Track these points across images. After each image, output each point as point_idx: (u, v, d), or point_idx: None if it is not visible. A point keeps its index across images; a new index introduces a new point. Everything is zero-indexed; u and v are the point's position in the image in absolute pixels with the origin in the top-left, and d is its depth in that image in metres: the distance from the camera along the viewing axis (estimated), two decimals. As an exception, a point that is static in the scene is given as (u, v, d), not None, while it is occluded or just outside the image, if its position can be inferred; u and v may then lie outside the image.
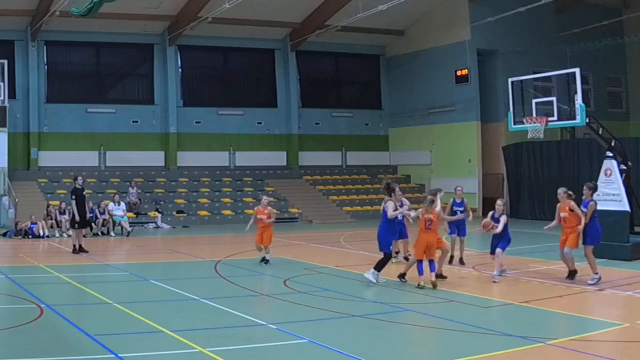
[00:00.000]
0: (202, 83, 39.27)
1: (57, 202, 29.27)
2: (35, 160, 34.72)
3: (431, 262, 14.95)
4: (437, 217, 15.48)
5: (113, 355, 9.45)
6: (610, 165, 19.68)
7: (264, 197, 20.15)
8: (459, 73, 37.41)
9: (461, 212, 18.59)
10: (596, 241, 15.79)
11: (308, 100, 40.93)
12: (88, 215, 24.29)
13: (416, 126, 40.32)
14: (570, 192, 16.07)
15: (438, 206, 15.52)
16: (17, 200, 29.98)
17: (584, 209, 15.67)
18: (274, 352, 10.04)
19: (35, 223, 26.88)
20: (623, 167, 19.88)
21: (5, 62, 32.91)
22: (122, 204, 29.53)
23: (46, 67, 35.80)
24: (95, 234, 27.87)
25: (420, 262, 14.94)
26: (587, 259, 15.62)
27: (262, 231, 18.79)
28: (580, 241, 15.75)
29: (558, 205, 15.90)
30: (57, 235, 27.22)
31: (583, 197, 16.13)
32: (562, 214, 15.84)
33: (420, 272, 14.85)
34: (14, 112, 33.87)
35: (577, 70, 19.81)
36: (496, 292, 14.55)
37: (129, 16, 34.07)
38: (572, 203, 15.80)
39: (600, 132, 20.66)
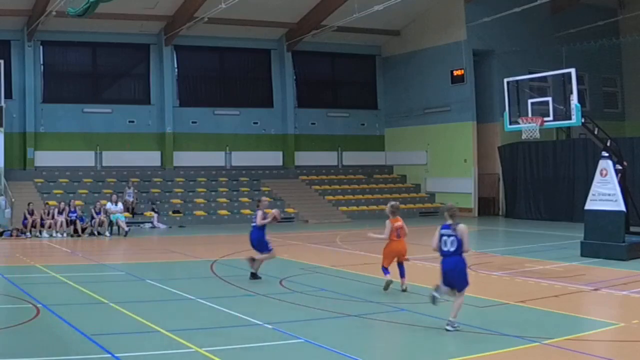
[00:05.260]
0: (198, 83, 39.28)
1: (55, 202, 29.33)
2: (31, 160, 34.68)
3: None
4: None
5: (109, 355, 9.46)
6: (606, 165, 19.71)
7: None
8: (454, 73, 37.45)
9: None
10: None
11: (304, 100, 40.95)
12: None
13: (412, 126, 40.35)
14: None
15: None
16: (13, 200, 29.96)
17: None
18: (270, 352, 10.05)
19: (26, 219, 27.14)
20: (618, 167, 19.91)
21: (2, 62, 32.92)
22: (120, 204, 29.54)
23: (42, 67, 35.77)
24: (92, 234, 27.89)
25: None
26: None
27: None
28: None
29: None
30: (53, 235, 27.25)
31: None
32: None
33: None
34: (10, 112, 33.85)
35: (572, 71, 19.82)
36: (492, 292, 14.57)
37: (125, 16, 34.07)
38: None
39: (595, 132, 20.70)
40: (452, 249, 11.24)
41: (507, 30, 36.07)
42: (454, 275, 11.39)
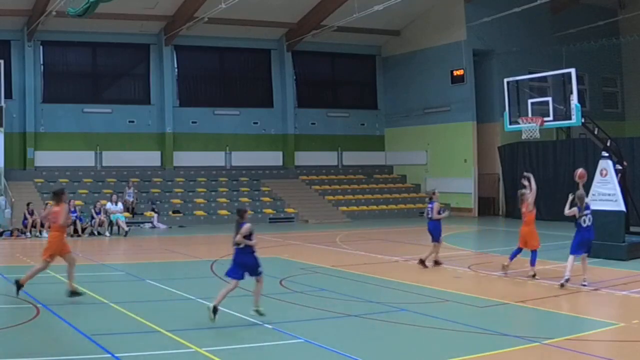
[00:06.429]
0: (198, 83, 39.27)
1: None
2: (31, 160, 34.66)
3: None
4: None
5: (109, 355, 9.46)
6: (606, 165, 19.73)
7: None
8: (454, 73, 37.45)
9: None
10: None
11: (304, 100, 40.95)
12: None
13: (412, 126, 40.35)
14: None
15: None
16: (13, 200, 29.96)
17: None
18: (270, 352, 10.06)
19: (26, 219, 27.15)
20: (618, 167, 19.93)
21: (2, 62, 32.89)
22: (120, 204, 29.54)
23: (42, 67, 35.74)
24: (92, 234, 27.90)
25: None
26: None
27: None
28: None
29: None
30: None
31: None
32: None
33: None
34: (11, 112, 33.84)
35: (572, 71, 19.83)
36: (492, 292, 14.58)
37: (126, 16, 34.05)
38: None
39: (595, 132, 20.72)
40: (590, 224, 15.34)
41: (507, 30, 36.08)
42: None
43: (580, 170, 17.06)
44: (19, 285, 13.47)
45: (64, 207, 13.85)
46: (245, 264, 11.94)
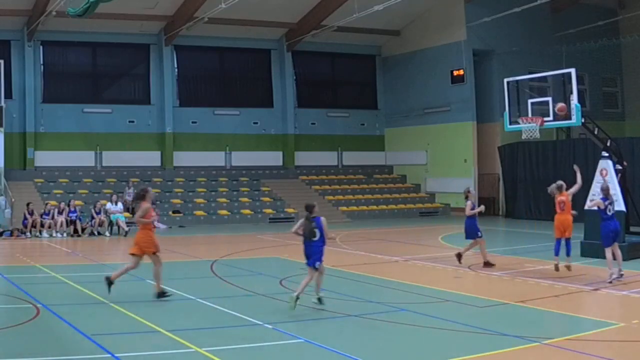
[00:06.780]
0: (198, 83, 39.28)
1: (55, 202, 29.32)
2: (31, 160, 34.67)
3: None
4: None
5: (109, 355, 9.46)
6: (606, 165, 19.73)
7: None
8: (454, 73, 37.46)
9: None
10: None
11: (304, 101, 40.95)
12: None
13: (412, 126, 40.35)
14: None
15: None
16: (13, 200, 29.97)
17: None
18: (270, 352, 10.05)
19: (26, 219, 27.13)
20: (618, 167, 19.93)
21: (2, 62, 32.92)
22: (119, 204, 29.54)
23: (42, 67, 35.75)
24: (92, 234, 27.89)
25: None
26: None
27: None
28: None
29: None
30: (53, 235, 27.26)
31: None
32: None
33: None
34: (11, 112, 33.85)
35: (572, 71, 19.83)
36: (492, 291, 14.57)
37: (125, 16, 34.06)
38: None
39: (595, 132, 20.72)
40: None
41: (507, 30, 36.07)
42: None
43: (561, 106, 17.85)
44: (161, 294, 13.90)
45: (142, 205, 14.80)
46: (311, 254, 13.11)
